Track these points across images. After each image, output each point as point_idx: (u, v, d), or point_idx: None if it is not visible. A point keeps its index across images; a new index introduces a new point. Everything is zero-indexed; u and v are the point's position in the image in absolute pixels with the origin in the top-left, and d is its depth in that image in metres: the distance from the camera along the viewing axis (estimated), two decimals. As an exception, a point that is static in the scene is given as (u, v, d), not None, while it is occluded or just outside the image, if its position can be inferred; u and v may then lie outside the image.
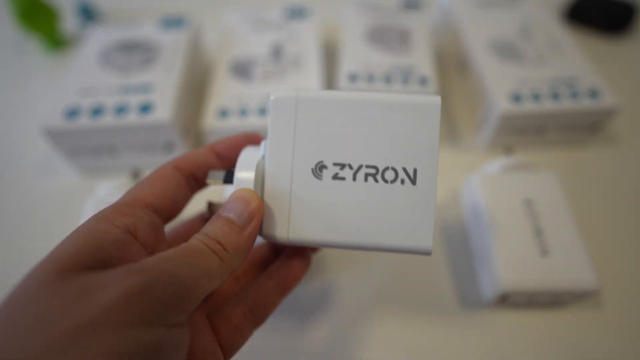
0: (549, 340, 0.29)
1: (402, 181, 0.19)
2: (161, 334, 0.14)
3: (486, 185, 0.32)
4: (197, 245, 0.17)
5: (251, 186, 0.19)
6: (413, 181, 0.19)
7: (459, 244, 0.34)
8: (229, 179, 0.21)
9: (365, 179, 0.19)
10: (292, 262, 0.23)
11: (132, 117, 0.35)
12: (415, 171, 0.19)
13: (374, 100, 0.19)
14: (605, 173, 0.38)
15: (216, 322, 0.20)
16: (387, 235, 0.19)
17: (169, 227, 0.22)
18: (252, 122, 0.36)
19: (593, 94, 0.37)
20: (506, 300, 0.29)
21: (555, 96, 0.37)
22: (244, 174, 0.19)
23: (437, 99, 0.19)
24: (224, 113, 0.37)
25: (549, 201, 0.31)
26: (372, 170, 0.19)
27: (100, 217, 0.17)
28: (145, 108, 0.36)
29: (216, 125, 0.36)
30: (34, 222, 0.36)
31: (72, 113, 0.35)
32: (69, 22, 0.53)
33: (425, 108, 0.19)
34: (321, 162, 0.19)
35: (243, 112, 0.37)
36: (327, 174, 0.19)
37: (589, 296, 0.30)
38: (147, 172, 0.38)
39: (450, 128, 0.42)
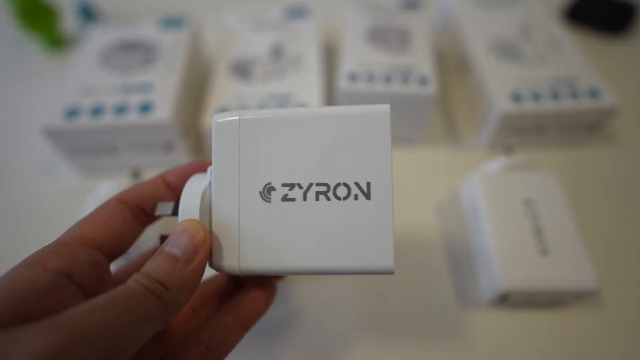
0: (549, 340, 0.29)
1: (356, 197, 0.18)
2: None
3: (486, 185, 0.32)
4: (134, 287, 0.15)
5: (197, 216, 0.18)
6: (367, 196, 0.18)
7: (459, 244, 0.34)
8: (177, 210, 0.19)
9: (317, 198, 0.18)
10: (253, 294, 0.21)
11: (132, 117, 0.35)
12: (368, 185, 0.18)
13: (320, 114, 0.18)
14: (605, 173, 0.38)
15: None
16: (344, 258, 0.18)
17: (122, 262, 0.20)
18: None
19: (593, 93, 0.37)
20: (506, 300, 0.29)
21: (555, 96, 0.37)
22: (189, 204, 0.18)
23: (386, 107, 0.18)
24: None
25: (549, 201, 0.31)
26: (323, 188, 0.18)
27: (30, 262, 0.15)
28: (145, 108, 0.36)
29: (216, 125, 0.36)
30: (34, 222, 0.36)
31: (72, 113, 0.35)
32: (69, 22, 0.53)
33: (374, 117, 0.18)
34: (269, 183, 0.18)
35: (243, 112, 0.37)
36: (276, 195, 0.18)
37: (589, 296, 0.30)
38: (147, 172, 0.38)
39: (450, 128, 0.42)
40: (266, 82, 0.39)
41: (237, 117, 0.19)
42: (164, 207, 0.20)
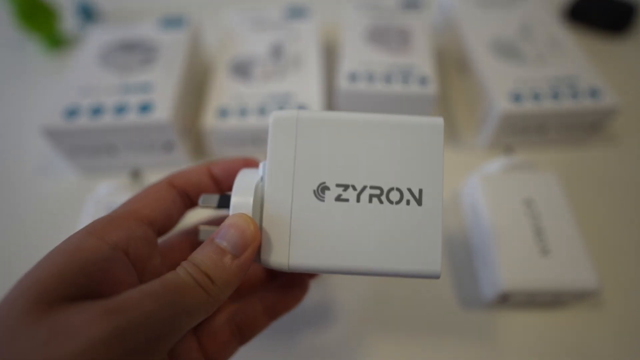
0: (549, 340, 0.29)
1: (408, 202, 0.18)
2: None
3: (486, 185, 0.32)
4: (184, 278, 0.16)
5: (249, 211, 0.18)
6: (419, 202, 0.18)
7: (459, 244, 0.34)
8: (223, 203, 0.20)
9: (370, 200, 0.18)
10: (286, 290, 0.22)
11: (132, 117, 0.35)
12: (420, 192, 0.18)
13: (377, 120, 0.19)
14: (605, 173, 0.38)
15: (203, 338, 0.20)
16: (393, 260, 0.18)
17: (162, 238, 0.21)
18: (252, 122, 0.36)
19: (593, 93, 0.37)
20: (506, 300, 0.29)
21: (556, 96, 0.37)
22: (241, 199, 0.18)
23: (440, 120, 0.19)
24: (223, 113, 0.37)
25: (549, 201, 0.31)
26: (377, 191, 0.18)
27: (91, 231, 0.16)
28: (144, 108, 0.36)
29: (216, 125, 0.36)
30: (34, 222, 0.36)
31: (72, 113, 0.35)
32: (68, 21, 0.53)
33: (429, 128, 0.19)
34: (323, 183, 0.18)
35: (243, 112, 0.37)
36: (330, 195, 0.18)
37: (589, 296, 0.30)
38: (146, 172, 0.38)
39: (451, 128, 0.42)
40: (266, 82, 0.39)
41: (296, 115, 0.19)
42: (209, 199, 0.20)
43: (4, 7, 0.52)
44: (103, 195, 0.32)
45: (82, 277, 0.15)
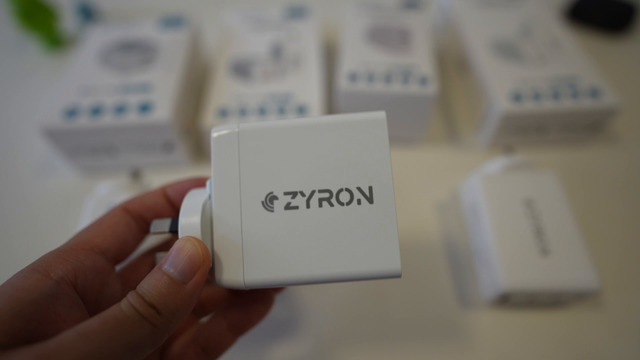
0: (550, 340, 0.29)
1: (359, 201, 0.18)
2: None
3: (486, 185, 0.32)
4: (126, 311, 0.15)
5: (197, 232, 0.17)
6: (370, 200, 0.18)
7: (459, 244, 0.34)
8: (174, 226, 0.19)
9: (320, 205, 0.18)
10: (251, 305, 0.22)
11: (132, 117, 0.35)
12: (370, 189, 0.18)
13: (317, 123, 0.19)
14: (605, 172, 0.38)
15: None
16: (351, 263, 0.17)
17: (122, 264, 0.21)
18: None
19: (594, 93, 0.37)
20: (506, 301, 0.29)
21: (556, 96, 0.37)
22: (188, 219, 0.18)
23: (382, 114, 0.18)
24: (223, 113, 0.37)
25: (549, 201, 0.31)
26: (326, 195, 0.18)
27: (36, 267, 0.16)
28: (144, 108, 0.35)
29: (216, 124, 0.36)
30: (34, 222, 0.36)
31: (72, 113, 0.35)
32: (68, 21, 0.53)
33: (371, 124, 0.18)
34: (271, 193, 0.18)
35: (243, 112, 0.36)
36: (279, 204, 0.18)
37: (589, 296, 0.30)
38: (146, 172, 0.38)
39: (450, 128, 0.42)
40: (266, 82, 0.39)
41: (236, 129, 0.19)
42: (160, 224, 0.20)
43: (4, 7, 0.52)
44: (103, 195, 0.32)
45: (18, 320, 0.14)
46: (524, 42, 0.42)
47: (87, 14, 0.53)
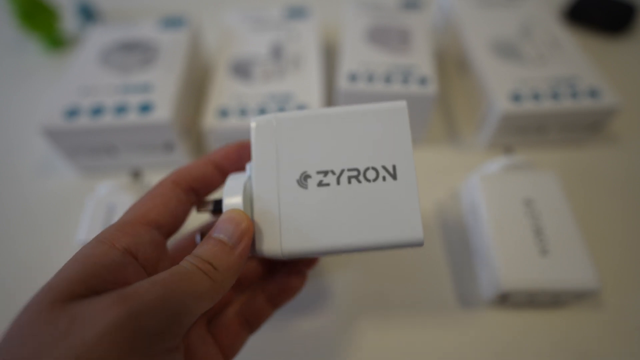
0: (549, 340, 0.29)
1: (384, 178, 0.20)
2: None
3: (486, 185, 0.32)
4: (188, 267, 0.17)
5: (240, 208, 0.20)
6: (394, 176, 0.20)
7: (459, 244, 0.34)
8: (217, 207, 0.21)
9: (349, 182, 0.20)
10: (286, 280, 0.24)
11: (132, 117, 0.35)
12: (394, 167, 0.20)
13: (347, 111, 0.21)
14: (605, 172, 0.38)
15: (217, 332, 0.21)
16: (377, 232, 0.19)
17: (171, 241, 0.22)
18: (252, 122, 0.36)
19: (593, 93, 0.37)
20: (506, 300, 0.29)
21: (556, 96, 0.37)
22: (231, 200, 0.20)
23: (403, 103, 0.21)
24: (223, 113, 0.37)
25: (549, 201, 0.31)
26: (354, 173, 0.20)
27: (101, 239, 0.17)
28: (145, 108, 0.36)
29: (216, 125, 0.36)
30: (34, 222, 0.36)
31: (72, 113, 0.35)
32: (68, 21, 0.53)
33: (394, 111, 0.21)
34: (305, 172, 0.20)
35: (243, 112, 0.37)
36: (312, 182, 0.20)
37: (589, 296, 0.30)
38: (146, 172, 0.38)
39: (450, 128, 0.42)
40: (266, 82, 0.39)
41: (274, 117, 0.21)
42: (205, 205, 0.22)
43: (4, 7, 0.52)
44: (103, 195, 0.32)
45: (94, 279, 0.15)
46: (523, 42, 0.42)
47: (88, 14, 0.53)
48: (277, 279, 0.24)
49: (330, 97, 0.42)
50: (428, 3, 0.46)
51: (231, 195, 0.20)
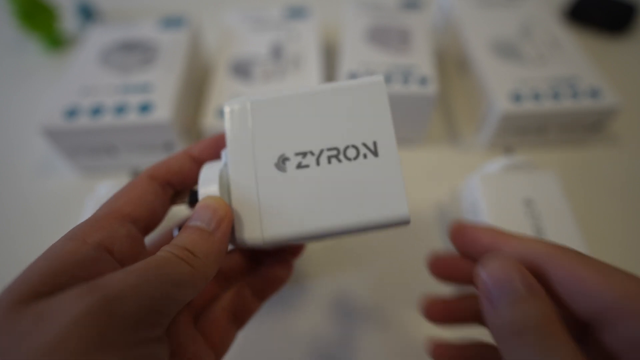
0: (549, 340, 0.29)
1: (365, 155, 0.19)
2: (132, 353, 0.13)
3: (486, 185, 0.32)
4: (164, 255, 0.16)
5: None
6: (375, 153, 0.19)
7: (459, 244, 0.34)
8: (194, 197, 0.20)
9: (329, 162, 0.19)
10: (271, 271, 0.23)
11: (132, 117, 0.35)
12: (375, 143, 0.19)
13: (322, 90, 0.20)
14: (605, 173, 0.38)
15: (205, 329, 0.21)
16: (362, 212, 0.18)
17: (149, 238, 0.21)
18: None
19: (594, 93, 0.37)
20: (506, 301, 0.29)
21: (556, 96, 0.37)
22: (207, 189, 0.19)
23: (380, 77, 0.20)
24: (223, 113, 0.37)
25: (549, 201, 0.31)
26: (334, 152, 0.19)
27: (71, 236, 0.16)
28: (144, 108, 0.36)
29: (216, 125, 0.36)
30: (34, 222, 0.36)
31: (72, 113, 0.35)
32: (68, 21, 0.53)
33: (371, 86, 0.20)
34: (283, 154, 0.19)
35: (243, 112, 0.36)
36: (291, 165, 0.19)
37: (589, 296, 0.30)
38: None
39: (451, 128, 0.42)
40: (266, 82, 0.39)
41: (247, 102, 0.20)
42: (181, 196, 0.21)
43: (4, 7, 0.52)
44: (103, 195, 0.32)
45: (63, 276, 0.14)
46: (524, 42, 0.42)
47: (87, 14, 0.53)
48: (262, 270, 0.23)
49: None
50: (428, 3, 0.46)
51: (207, 184, 0.19)
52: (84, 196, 0.34)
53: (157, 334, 0.15)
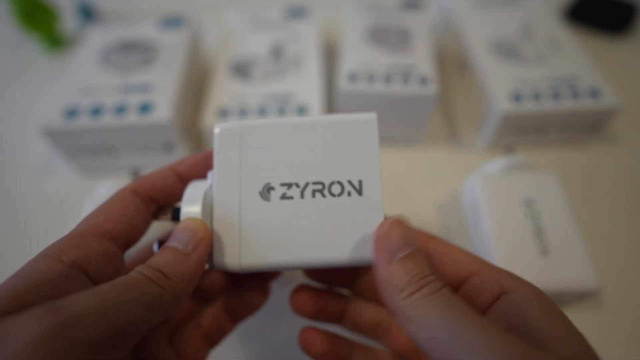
0: (550, 340, 0.29)
1: (349, 193, 0.19)
2: None
3: (486, 185, 0.32)
4: (135, 276, 0.16)
5: (199, 217, 0.19)
6: (359, 192, 0.19)
7: (459, 244, 0.34)
8: (176, 215, 0.20)
9: (313, 195, 0.19)
10: (247, 295, 0.23)
11: (132, 117, 0.35)
12: (360, 182, 0.19)
13: (314, 122, 0.20)
14: (605, 173, 0.38)
15: (179, 346, 0.21)
16: (339, 250, 0.19)
17: (130, 252, 0.21)
18: (252, 122, 0.36)
19: (594, 93, 0.37)
20: (506, 301, 0.29)
21: (556, 96, 0.37)
22: (190, 208, 0.19)
23: (373, 115, 0.20)
24: (223, 113, 0.37)
25: (550, 201, 0.31)
26: (319, 186, 0.19)
27: (46, 253, 0.16)
28: (144, 108, 0.36)
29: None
30: (34, 222, 0.36)
31: (72, 113, 0.35)
32: (68, 21, 0.53)
33: (363, 123, 0.20)
34: (268, 184, 0.19)
35: (243, 112, 0.36)
36: (275, 195, 0.19)
37: (589, 296, 0.30)
38: (146, 172, 0.38)
39: (451, 128, 0.42)
40: (266, 82, 0.39)
41: (239, 125, 0.20)
42: (164, 212, 0.21)
43: (4, 7, 0.52)
44: (103, 196, 0.32)
45: (31, 294, 0.14)
46: (524, 42, 0.42)
47: (87, 14, 0.53)
48: (239, 293, 0.23)
49: (331, 97, 0.42)
50: (428, 3, 0.46)
51: (190, 204, 0.19)
52: (84, 196, 0.34)
53: (120, 356, 0.15)
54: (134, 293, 0.15)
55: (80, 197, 0.35)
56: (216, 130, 0.20)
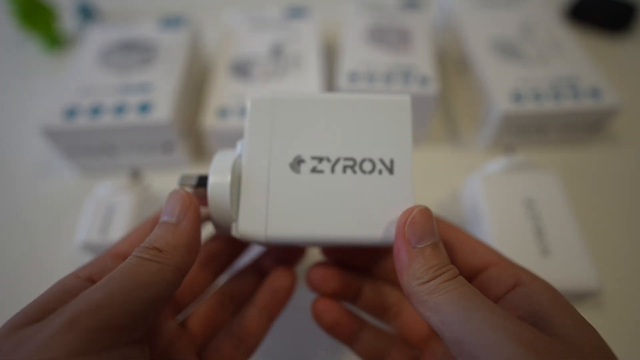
0: (550, 340, 0.29)
1: (380, 171, 0.19)
2: (112, 355, 0.14)
3: (487, 185, 0.32)
4: (129, 262, 0.16)
5: (227, 189, 0.19)
6: (390, 170, 0.19)
7: (460, 244, 0.34)
8: (202, 182, 0.20)
9: (344, 171, 0.19)
10: (274, 285, 0.22)
11: (132, 117, 0.35)
12: (392, 161, 0.19)
13: (349, 99, 0.20)
14: (606, 173, 0.38)
15: (208, 357, 0.20)
16: (366, 228, 0.18)
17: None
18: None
19: (594, 93, 0.37)
20: (507, 301, 0.29)
21: (556, 96, 0.37)
22: (218, 177, 0.19)
23: (407, 97, 0.20)
24: (223, 113, 0.36)
25: (550, 201, 0.31)
26: (350, 162, 0.19)
27: (73, 272, 0.18)
28: (144, 108, 0.35)
29: (216, 125, 0.36)
30: (34, 222, 0.36)
31: (71, 113, 0.35)
32: (67, 21, 0.53)
33: (398, 105, 0.20)
34: (299, 156, 0.19)
35: (243, 112, 0.36)
36: (305, 167, 0.19)
37: (590, 296, 0.30)
38: (146, 172, 0.38)
39: (451, 128, 0.42)
40: (266, 82, 0.39)
41: (272, 96, 0.20)
42: (188, 179, 0.20)
43: (4, 7, 0.52)
44: (102, 196, 0.32)
45: (52, 303, 0.15)
46: (524, 42, 0.42)
47: (87, 14, 0.53)
48: (264, 286, 0.23)
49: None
50: (428, 3, 0.46)
51: (218, 172, 0.19)
52: (83, 196, 0.34)
53: (134, 337, 0.15)
54: (134, 277, 0.16)
55: (79, 197, 0.35)
56: (250, 100, 0.20)
